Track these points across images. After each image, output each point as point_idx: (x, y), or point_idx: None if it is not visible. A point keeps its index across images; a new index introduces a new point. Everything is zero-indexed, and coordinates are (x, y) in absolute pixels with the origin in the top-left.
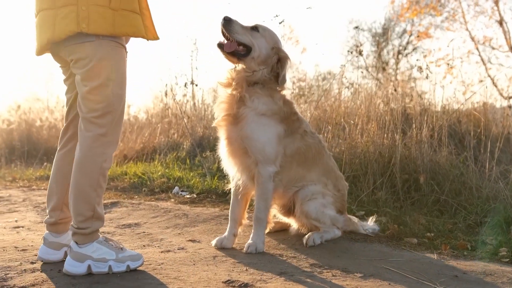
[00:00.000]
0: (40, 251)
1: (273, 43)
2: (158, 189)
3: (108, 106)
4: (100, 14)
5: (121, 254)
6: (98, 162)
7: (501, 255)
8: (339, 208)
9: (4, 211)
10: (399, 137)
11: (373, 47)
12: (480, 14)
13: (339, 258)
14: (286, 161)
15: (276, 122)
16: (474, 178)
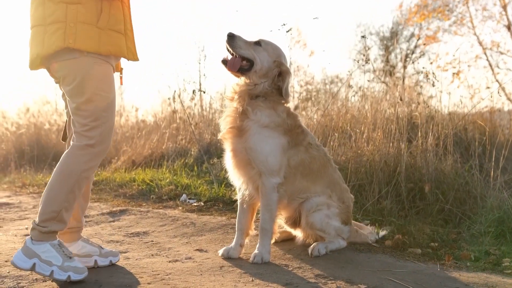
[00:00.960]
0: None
1: (275, 57)
2: (166, 196)
3: (96, 120)
4: (86, 31)
5: (67, 263)
6: (78, 170)
7: (504, 266)
8: (344, 220)
9: (14, 218)
10: (405, 145)
11: (381, 50)
12: (488, 19)
13: (344, 269)
14: (290, 173)
15: (280, 134)
16: (479, 187)
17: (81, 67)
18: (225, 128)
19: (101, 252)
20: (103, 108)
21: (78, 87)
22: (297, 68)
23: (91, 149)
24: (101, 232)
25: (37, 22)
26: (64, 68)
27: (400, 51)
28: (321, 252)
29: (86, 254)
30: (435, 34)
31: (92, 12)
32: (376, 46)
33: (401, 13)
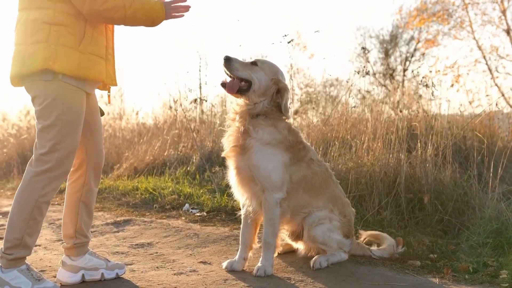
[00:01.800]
0: (59, 274)
1: (272, 75)
2: (169, 206)
3: (56, 144)
4: (67, 54)
5: (36, 286)
6: (35, 196)
7: (501, 278)
8: (345, 233)
9: None
10: (404, 156)
11: (380, 53)
12: (487, 23)
13: (345, 282)
14: (293, 188)
15: (282, 150)
16: (477, 198)
17: (52, 91)
18: (228, 146)
19: (108, 265)
20: (64, 134)
21: (45, 110)
22: (297, 71)
23: (48, 174)
24: (106, 243)
25: (19, 40)
26: (36, 89)
27: (400, 54)
28: (323, 265)
29: (93, 267)
30: (435, 38)
31: (74, 35)
32: (376, 49)
33: (401, 16)
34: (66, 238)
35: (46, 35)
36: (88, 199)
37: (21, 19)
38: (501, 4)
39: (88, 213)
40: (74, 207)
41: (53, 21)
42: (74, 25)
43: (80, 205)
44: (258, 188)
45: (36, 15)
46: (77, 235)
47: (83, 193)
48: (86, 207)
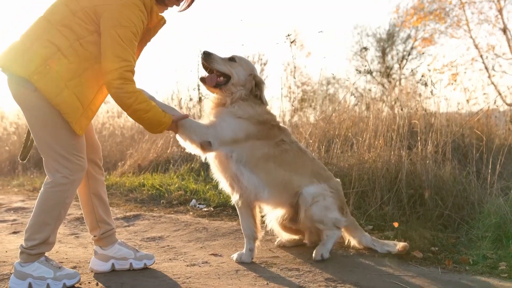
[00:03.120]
0: (91, 263)
1: (249, 71)
2: (176, 201)
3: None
4: (54, 80)
5: (58, 273)
6: (61, 200)
7: (501, 269)
8: (340, 206)
9: None
10: (405, 153)
11: (377, 52)
12: (484, 22)
13: (352, 273)
14: (259, 160)
15: (250, 123)
16: (476, 193)
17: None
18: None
19: (136, 255)
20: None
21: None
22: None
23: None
24: (118, 237)
25: (25, 40)
26: (20, 95)
27: (397, 53)
28: (325, 257)
29: (122, 257)
30: (432, 37)
31: (71, 71)
32: (373, 47)
33: (398, 15)
34: (92, 231)
35: (48, 55)
36: (97, 189)
37: (40, 26)
38: (497, 3)
39: (101, 202)
40: (87, 202)
41: (62, 50)
42: (76, 64)
43: (91, 197)
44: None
45: (53, 35)
46: (99, 224)
47: (91, 185)
48: (98, 198)
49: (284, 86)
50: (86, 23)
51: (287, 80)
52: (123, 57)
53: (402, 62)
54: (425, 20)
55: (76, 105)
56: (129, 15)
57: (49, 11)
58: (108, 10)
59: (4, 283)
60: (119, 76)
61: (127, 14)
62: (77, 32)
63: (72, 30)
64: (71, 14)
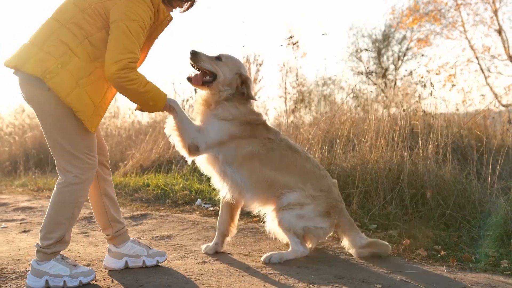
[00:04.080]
0: (105, 260)
1: (236, 69)
2: (181, 201)
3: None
4: (66, 78)
5: (74, 271)
6: (74, 199)
7: (503, 267)
8: (324, 210)
9: (41, 221)
10: (407, 154)
11: (373, 53)
12: (479, 23)
13: (359, 270)
14: (244, 160)
15: (234, 124)
16: (477, 193)
17: (46, 101)
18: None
19: (149, 253)
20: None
21: (40, 117)
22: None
23: (78, 179)
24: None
25: (35, 41)
26: (34, 96)
27: (392, 54)
28: (272, 261)
29: (135, 255)
30: (427, 38)
31: (82, 69)
32: (369, 48)
33: (393, 16)
34: (105, 231)
35: (60, 54)
36: (107, 190)
37: (50, 26)
38: (492, 5)
39: (112, 201)
40: (98, 203)
41: (73, 49)
42: (86, 63)
43: (102, 198)
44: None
45: (63, 34)
46: (112, 224)
47: (101, 186)
48: (108, 198)
49: (279, 86)
50: (94, 20)
51: (282, 81)
52: (130, 49)
53: (398, 63)
54: (421, 21)
55: (88, 103)
56: (137, 10)
57: (58, 11)
58: (117, 5)
59: (21, 280)
60: (124, 66)
61: (135, 8)
62: (86, 29)
63: (81, 28)
64: (80, 12)
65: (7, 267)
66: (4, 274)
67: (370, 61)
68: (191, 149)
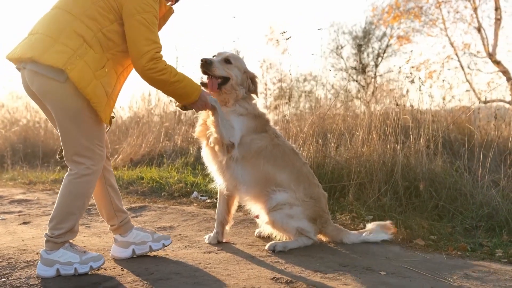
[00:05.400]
0: (112, 250)
1: (243, 69)
2: (178, 193)
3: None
4: (84, 70)
5: (84, 257)
6: (85, 189)
7: (498, 255)
8: (311, 216)
9: (39, 213)
10: (400, 147)
11: (353, 49)
12: (459, 21)
13: (362, 259)
14: (252, 156)
15: (250, 118)
16: (468, 185)
17: (62, 92)
18: (200, 123)
19: (154, 237)
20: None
21: (55, 109)
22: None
23: (89, 170)
24: None
25: (49, 33)
26: (48, 87)
27: (372, 51)
28: (276, 249)
29: (141, 241)
30: (408, 35)
31: (97, 61)
32: (349, 45)
33: (373, 14)
34: (110, 221)
35: (77, 46)
36: (111, 180)
37: (63, 19)
38: (472, 2)
39: (115, 192)
40: (104, 194)
41: (88, 41)
42: (100, 55)
43: (108, 189)
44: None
45: (78, 26)
46: (117, 214)
47: (106, 178)
48: (112, 188)
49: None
50: (107, 12)
51: (263, 77)
52: (154, 39)
53: (378, 59)
54: (403, 18)
55: (103, 94)
56: (149, 1)
57: (66, 2)
58: None
59: (30, 270)
60: (151, 57)
61: (148, 0)
62: (99, 22)
63: (95, 20)
64: (92, 4)
65: (14, 257)
66: (12, 263)
67: (350, 57)
68: (229, 146)
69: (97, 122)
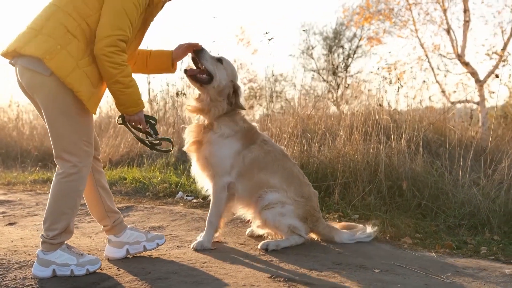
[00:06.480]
0: (106, 250)
1: (232, 77)
2: (162, 193)
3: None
4: (66, 60)
5: (81, 259)
6: (76, 188)
7: (483, 253)
8: (302, 215)
9: (24, 214)
10: (383, 147)
11: (324, 50)
12: (429, 23)
13: (355, 257)
14: (247, 170)
15: (237, 139)
16: (449, 185)
17: (49, 86)
18: (189, 141)
19: (148, 237)
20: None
21: (43, 103)
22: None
23: (76, 169)
24: None
25: (33, 25)
26: (35, 82)
27: (343, 51)
28: (269, 248)
29: (135, 241)
30: (380, 37)
31: (81, 50)
32: (320, 45)
33: (344, 15)
34: (102, 222)
35: (59, 36)
36: (101, 181)
37: (48, 10)
38: (442, 4)
39: (106, 192)
40: (94, 195)
41: (72, 31)
42: (85, 44)
43: (98, 190)
44: (211, 174)
45: (62, 17)
46: (109, 214)
47: (96, 179)
48: (103, 189)
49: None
50: (92, 2)
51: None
52: (119, 26)
53: (348, 60)
54: (375, 20)
55: (87, 83)
56: None
57: None
58: None
59: (25, 270)
60: (111, 43)
61: None
62: (84, 11)
63: (79, 10)
64: None
65: (6, 257)
66: (5, 264)
67: (320, 58)
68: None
69: (86, 118)
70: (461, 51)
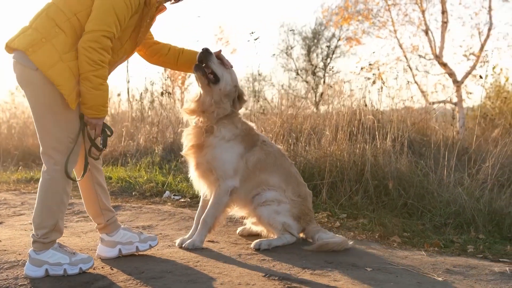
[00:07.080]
0: (98, 250)
1: (235, 82)
2: (149, 193)
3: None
4: (50, 53)
5: (73, 258)
6: (61, 186)
7: (470, 251)
8: (297, 214)
9: (10, 214)
10: (369, 147)
11: (303, 50)
12: (408, 23)
13: (346, 256)
14: (250, 173)
15: (238, 142)
16: (434, 184)
17: (35, 80)
18: (188, 145)
19: (141, 238)
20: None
21: (31, 99)
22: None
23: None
24: None
25: (28, 21)
26: (24, 76)
27: (321, 51)
28: (261, 247)
29: (128, 241)
30: (359, 37)
31: (67, 45)
32: (299, 45)
33: (323, 15)
34: (96, 220)
35: (47, 29)
36: (99, 179)
37: (44, 7)
38: (420, 6)
39: (103, 190)
40: (91, 192)
41: (60, 25)
42: (72, 39)
43: (95, 187)
44: (214, 177)
45: (52, 11)
46: (103, 212)
47: (94, 176)
48: (100, 187)
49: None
50: None
51: None
52: (106, 22)
53: (327, 60)
54: (354, 20)
55: (70, 78)
56: None
57: None
58: None
59: (16, 270)
60: (94, 38)
61: None
62: (75, 6)
63: (70, 5)
64: None
65: None
66: None
67: (300, 58)
68: (232, 192)
69: (69, 112)
70: (439, 52)
